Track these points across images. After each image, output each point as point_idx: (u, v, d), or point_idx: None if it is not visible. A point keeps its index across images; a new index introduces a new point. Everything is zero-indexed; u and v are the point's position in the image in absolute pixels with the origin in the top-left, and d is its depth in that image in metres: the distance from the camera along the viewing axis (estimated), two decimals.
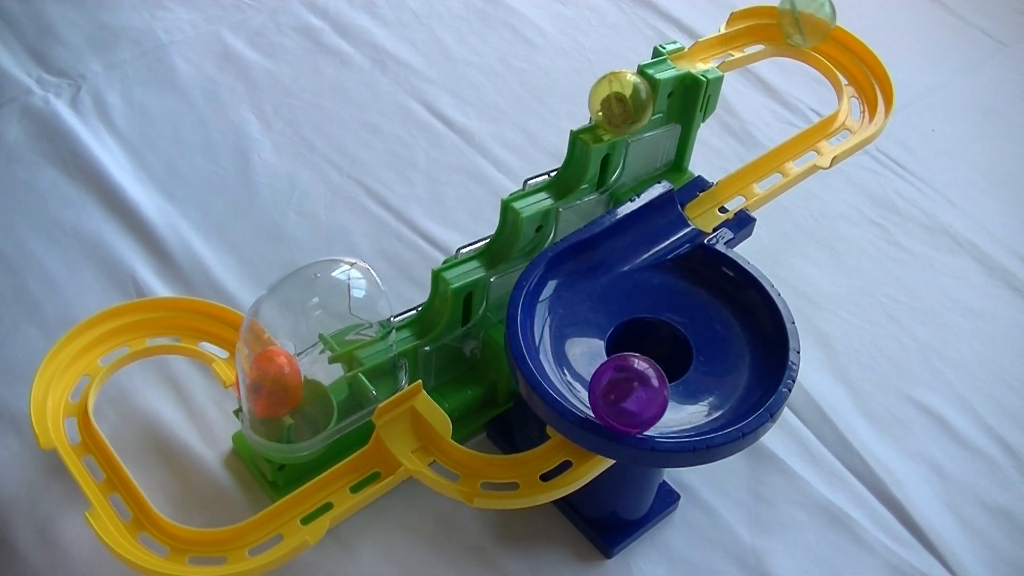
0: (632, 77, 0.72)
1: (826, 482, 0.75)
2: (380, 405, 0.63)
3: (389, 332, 0.67)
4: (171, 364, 0.76)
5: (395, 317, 0.68)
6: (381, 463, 0.63)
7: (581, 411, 0.59)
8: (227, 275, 0.83)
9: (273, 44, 1.05)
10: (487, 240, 0.71)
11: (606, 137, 0.72)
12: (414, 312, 0.71)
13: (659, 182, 0.71)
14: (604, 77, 0.72)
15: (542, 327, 0.65)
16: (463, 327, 0.70)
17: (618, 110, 0.72)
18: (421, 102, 1.01)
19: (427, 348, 0.69)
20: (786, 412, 0.78)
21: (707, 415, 0.62)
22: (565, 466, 0.62)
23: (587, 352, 0.64)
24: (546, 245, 0.71)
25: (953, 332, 0.87)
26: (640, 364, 0.57)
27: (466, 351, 0.71)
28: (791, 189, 0.82)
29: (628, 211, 0.69)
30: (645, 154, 0.79)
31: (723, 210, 0.77)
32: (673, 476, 0.73)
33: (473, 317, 0.70)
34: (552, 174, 0.74)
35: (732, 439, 0.59)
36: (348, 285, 0.66)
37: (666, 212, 0.71)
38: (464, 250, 0.70)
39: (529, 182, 0.73)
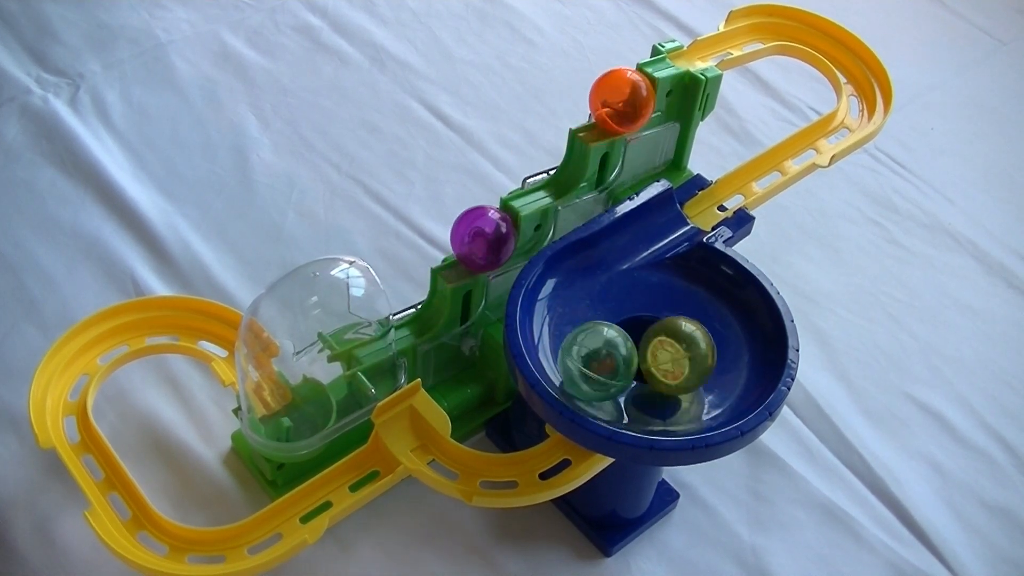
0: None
1: (825, 480, 0.75)
2: (379, 404, 0.63)
3: (388, 331, 0.67)
4: (170, 363, 0.76)
5: (394, 315, 0.68)
6: (380, 462, 0.64)
7: (580, 410, 0.59)
8: (226, 274, 0.83)
9: (272, 43, 1.05)
10: None
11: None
12: (413, 310, 0.71)
13: (658, 180, 0.71)
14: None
15: (541, 325, 0.65)
16: (462, 325, 0.70)
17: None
18: (420, 101, 1.01)
19: (426, 346, 0.69)
20: (785, 410, 0.78)
21: (706, 413, 0.62)
22: (564, 465, 0.62)
23: None
24: (545, 244, 0.71)
25: (952, 330, 0.87)
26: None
27: (465, 350, 0.71)
28: (790, 187, 0.82)
29: (627, 209, 0.69)
30: (644, 152, 0.79)
31: (722, 208, 0.77)
32: (672, 475, 0.73)
33: (472, 315, 0.70)
34: (551, 172, 0.74)
35: (731, 437, 0.59)
36: (347, 284, 0.66)
37: (665, 210, 0.71)
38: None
39: (528, 180, 0.73)
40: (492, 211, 0.67)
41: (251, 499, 0.69)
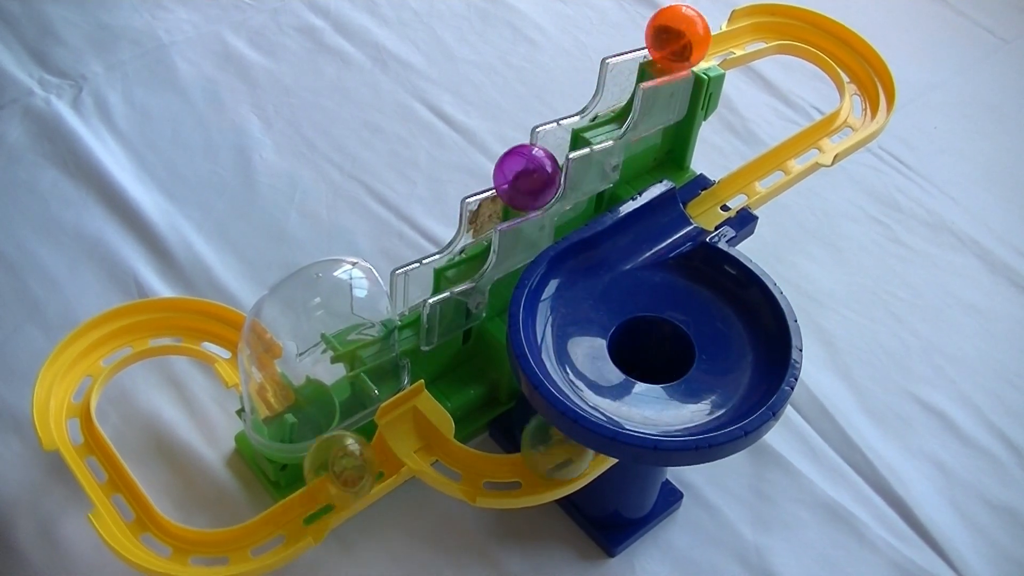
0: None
1: (829, 480, 0.75)
2: (382, 405, 0.63)
3: (391, 332, 0.67)
4: (173, 364, 0.76)
5: (398, 270, 0.67)
6: (384, 463, 0.64)
7: (584, 410, 0.59)
8: (229, 275, 0.83)
9: (274, 44, 1.05)
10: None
11: None
12: (417, 264, 0.68)
13: (660, 180, 0.71)
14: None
15: (544, 326, 0.65)
16: (469, 281, 0.69)
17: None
18: (422, 101, 1.01)
19: (432, 301, 0.67)
20: (788, 410, 0.78)
21: (709, 413, 0.62)
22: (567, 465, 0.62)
23: (589, 351, 0.64)
24: (554, 200, 0.71)
25: (955, 329, 0.87)
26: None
27: (472, 307, 0.70)
28: (793, 187, 0.82)
29: (630, 209, 0.69)
30: (661, 104, 0.77)
31: (725, 208, 0.77)
32: (676, 475, 0.73)
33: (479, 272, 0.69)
34: (561, 122, 0.74)
35: (734, 437, 0.58)
36: (350, 285, 0.66)
37: (668, 210, 0.71)
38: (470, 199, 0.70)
39: (537, 129, 0.72)
40: (537, 149, 0.67)
41: (254, 500, 0.69)
